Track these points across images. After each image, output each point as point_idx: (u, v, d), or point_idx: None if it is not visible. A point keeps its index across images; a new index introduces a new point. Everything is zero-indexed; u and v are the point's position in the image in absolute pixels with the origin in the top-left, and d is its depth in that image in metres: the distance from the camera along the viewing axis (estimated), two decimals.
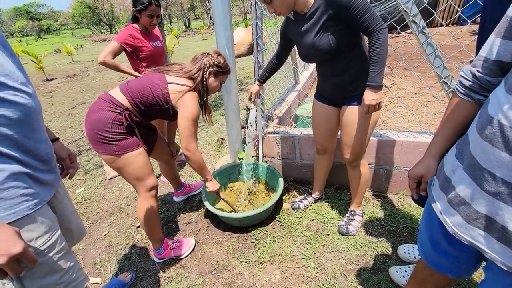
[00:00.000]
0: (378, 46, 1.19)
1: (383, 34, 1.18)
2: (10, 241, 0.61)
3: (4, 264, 0.59)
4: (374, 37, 1.19)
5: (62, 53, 13.40)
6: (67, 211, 0.97)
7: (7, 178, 0.67)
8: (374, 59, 1.22)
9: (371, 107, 1.28)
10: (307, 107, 2.67)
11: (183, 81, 1.45)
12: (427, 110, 3.21)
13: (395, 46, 1.45)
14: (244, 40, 8.57)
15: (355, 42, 1.32)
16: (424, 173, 0.87)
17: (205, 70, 1.49)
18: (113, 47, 1.98)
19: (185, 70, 1.49)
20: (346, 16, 1.20)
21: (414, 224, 1.74)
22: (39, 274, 0.75)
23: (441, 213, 0.75)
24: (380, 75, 1.23)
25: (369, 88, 1.26)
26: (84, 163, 3.03)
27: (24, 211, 0.71)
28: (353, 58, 1.35)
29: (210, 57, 1.51)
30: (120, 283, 1.51)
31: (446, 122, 0.87)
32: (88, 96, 5.89)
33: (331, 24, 1.25)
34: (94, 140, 1.35)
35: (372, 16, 1.17)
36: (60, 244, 0.81)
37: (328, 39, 1.27)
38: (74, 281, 0.85)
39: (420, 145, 1.80)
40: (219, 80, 1.59)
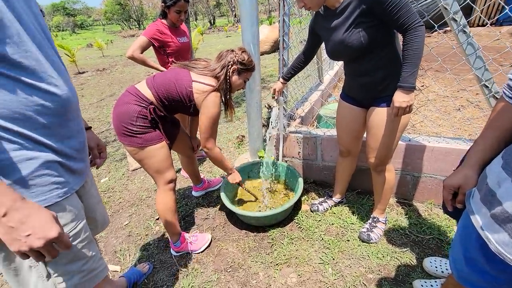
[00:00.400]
0: (413, 45, 1.12)
1: (419, 31, 1.11)
2: (47, 225, 0.62)
3: (41, 247, 0.61)
4: (410, 34, 1.12)
5: (93, 47, 14.05)
6: (93, 201, 0.99)
7: (41, 166, 0.69)
8: (408, 59, 1.14)
9: (401, 109, 1.21)
10: (332, 107, 2.59)
11: (207, 80, 1.45)
12: (460, 115, 3.01)
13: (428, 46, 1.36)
14: (268, 38, 8.52)
15: (388, 39, 1.25)
16: (462, 183, 0.80)
17: (229, 68, 1.48)
18: (142, 42, 2.02)
19: (210, 68, 1.49)
20: (381, 11, 1.13)
21: (442, 236, 1.63)
22: (62, 261, 0.77)
23: (482, 228, 0.68)
24: (413, 76, 1.15)
25: (401, 89, 1.18)
26: (109, 153, 3.15)
27: (54, 198, 0.73)
28: (385, 57, 1.27)
29: (234, 54, 1.50)
30: (138, 273, 1.55)
31: (489, 129, 0.80)
32: (115, 89, 6.12)
33: (363, 20, 1.18)
34: (119, 131, 1.39)
35: (408, 12, 1.09)
36: (84, 233, 0.82)
37: (358, 36, 1.21)
38: (94, 270, 0.86)
39: (453, 152, 1.68)
40: (243, 77, 1.57)
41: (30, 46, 0.66)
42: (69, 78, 0.81)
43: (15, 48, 0.62)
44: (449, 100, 3.38)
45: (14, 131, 0.65)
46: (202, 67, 1.50)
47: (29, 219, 0.60)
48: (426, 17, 1.64)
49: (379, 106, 1.37)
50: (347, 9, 1.21)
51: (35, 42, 0.68)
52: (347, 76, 1.49)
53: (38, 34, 0.70)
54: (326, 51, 1.43)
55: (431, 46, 1.76)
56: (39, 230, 0.61)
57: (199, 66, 1.51)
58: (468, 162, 0.81)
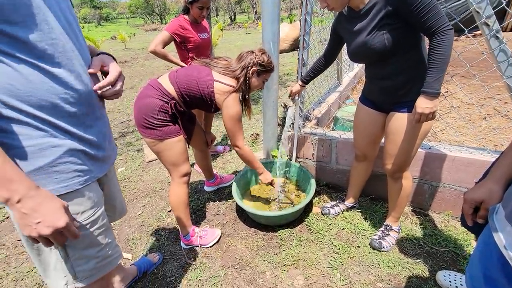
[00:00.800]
0: (440, 49, 1.07)
1: (448, 35, 1.06)
2: (57, 215, 0.65)
3: (49, 234, 0.64)
4: (437, 38, 1.07)
5: (117, 40, 14.45)
6: (114, 189, 1.03)
7: (65, 153, 0.72)
8: (434, 63, 1.09)
9: (424, 116, 1.16)
10: (349, 110, 2.54)
11: (228, 80, 1.47)
12: (486, 124, 2.87)
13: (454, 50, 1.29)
14: (288, 36, 8.44)
15: (413, 43, 1.20)
16: (485, 198, 0.76)
17: (248, 69, 1.50)
18: (164, 36, 2.06)
19: (230, 69, 1.50)
20: (407, 13, 1.09)
21: (458, 249, 1.56)
22: (80, 246, 0.80)
23: (506, 248, 0.65)
24: (439, 81, 1.10)
25: (424, 94, 1.14)
26: (127, 143, 3.24)
27: (75, 185, 0.76)
28: (409, 61, 1.23)
29: (254, 55, 1.51)
30: (149, 262, 1.59)
31: None
32: (136, 82, 6.27)
33: (389, 22, 1.14)
34: (140, 123, 1.43)
35: (437, 15, 1.05)
36: (102, 220, 0.85)
37: (382, 38, 1.17)
38: (110, 257, 0.89)
39: (475, 163, 1.61)
40: (262, 78, 1.59)
41: (58, 35, 0.68)
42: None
43: (42, 36, 0.64)
44: (475, 108, 3.22)
45: (41, 118, 0.67)
46: (223, 66, 1.52)
47: (40, 207, 0.63)
48: (456, 20, 1.56)
49: (399, 111, 1.33)
50: (372, 10, 1.17)
51: (65, 31, 0.70)
52: (367, 79, 1.45)
53: (67, 24, 0.72)
54: (347, 53, 1.40)
55: (459, 50, 1.68)
56: (49, 219, 0.63)
57: (220, 65, 1.52)
58: (493, 176, 0.77)
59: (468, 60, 1.78)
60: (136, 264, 1.56)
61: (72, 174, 0.74)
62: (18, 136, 0.65)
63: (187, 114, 1.61)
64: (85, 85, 0.76)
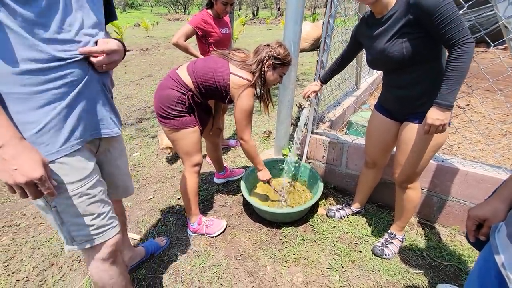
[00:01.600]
0: (459, 62, 1.05)
1: (468, 49, 1.04)
2: (33, 166, 0.68)
3: (23, 184, 0.68)
4: (457, 50, 1.05)
5: (140, 27, 14.71)
6: (117, 172, 1.09)
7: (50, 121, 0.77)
8: (450, 75, 1.08)
9: (434, 127, 1.15)
10: (364, 115, 2.53)
11: (244, 74, 1.50)
12: (505, 142, 2.79)
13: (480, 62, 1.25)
14: (308, 35, 8.36)
15: (433, 54, 1.19)
16: (489, 216, 0.77)
17: (264, 63, 1.50)
18: (187, 30, 2.11)
19: (247, 63, 1.52)
20: (428, 23, 1.08)
21: (461, 265, 1.56)
22: (72, 213, 0.87)
23: (504, 267, 0.66)
24: (453, 94, 1.09)
25: (437, 106, 1.13)
26: (144, 129, 3.35)
27: (64, 151, 0.80)
28: (427, 72, 1.22)
29: (269, 48, 1.51)
30: (156, 245, 1.67)
31: None
32: (155, 70, 6.40)
33: (409, 31, 1.14)
34: (159, 112, 1.50)
35: (459, 27, 1.03)
36: (94, 191, 0.90)
37: (401, 47, 1.17)
38: (104, 226, 0.95)
39: (489, 181, 1.58)
40: (279, 72, 1.58)
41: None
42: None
43: None
44: (496, 124, 3.13)
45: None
46: (240, 60, 1.54)
47: (20, 156, 0.67)
48: (482, 33, 1.53)
49: (413, 122, 1.33)
50: (392, 17, 1.17)
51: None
52: (384, 87, 1.45)
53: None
54: (366, 60, 1.40)
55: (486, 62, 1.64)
56: (25, 168, 0.67)
57: (237, 58, 1.54)
58: (500, 194, 0.78)
59: (495, 74, 1.75)
60: (144, 245, 1.64)
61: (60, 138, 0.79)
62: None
63: (203, 105, 1.66)
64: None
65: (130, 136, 3.18)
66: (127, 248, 1.51)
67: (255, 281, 1.50)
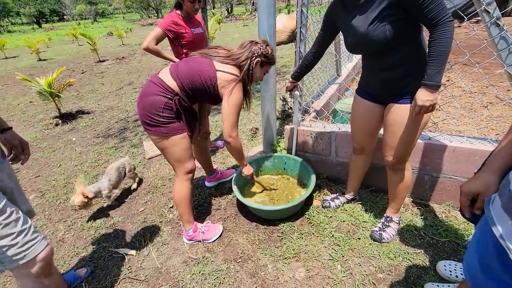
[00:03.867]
0: (442, 41, 1.05)
1: (449, 27, 1.04)
2: None
3: None
4: (438, 30, 1.05)
5: (114, 36, 14.32)
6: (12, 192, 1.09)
7: None
8: (434, 55, 1.08)
9: (424, 108, 1.15)
10: (348, 102, 2.52)
11: (230, 69, 1.45)
12: (487, 113, 2.85)
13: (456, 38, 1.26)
14: (285, 27, 8.33)
15: (414, 33, 1.18)
16: (481, 190, 0.76)
17: (253, 59, 1.47)
18: (157, 33, 2.03)
19: (233, 57, 1.48)
20: (410, 4, 1.06)
21: (459, 239, 1.57)
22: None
23: (502, 238, 0.65)
24: (439, 74, 1.09)
25: (425, 87, 1.12)
26: (127, 139, 3.25)
27: None
28: (410, 52, 1.21)
29: (259, 46, 1.49)
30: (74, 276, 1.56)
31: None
32: (134, 78, 6.24)
33: (390, 13, 1.11)
34: (145, 120, 1.43)
35: (439, 6, 1.03)
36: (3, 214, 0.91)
37: (384, 29, 1.14)
38: (29, 241, 0.97)
39: (476, 153, 1.60)
40: (264, 70, 1.58)
41: None
42: None
43: None
44: (476, 96, 3.20)
45: None
46: (225, 55, 1.49)
47: None
48: (454, 7, 1.53)
49: (398, 103, 1.32)
50: (373, 0, 1.14)
51: None
52: (365, 71, 1.43)
53: None
54: (345, 45, 1.37)
55: (461, 37, 1.65)
56: None
57: (220, 54, 1.50)
58: (489, 167, 0.77)
59: (471, 48, 1.76)
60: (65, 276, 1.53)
61: None
62: None
63: (190, 110, 1.60)
64: None
65: (114, 149, 3.08)
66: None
67: (258, 282, 1.47)
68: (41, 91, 3.74)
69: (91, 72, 7.21)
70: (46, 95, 3.78)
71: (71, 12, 40.00)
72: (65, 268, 1.67)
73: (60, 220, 2.08)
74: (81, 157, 2.97)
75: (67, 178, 2.61)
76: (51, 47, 13.54)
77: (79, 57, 9.59)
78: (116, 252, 1.74)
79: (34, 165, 2.91)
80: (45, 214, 2.16)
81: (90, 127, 3.77)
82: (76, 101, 4.93)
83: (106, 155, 2.97)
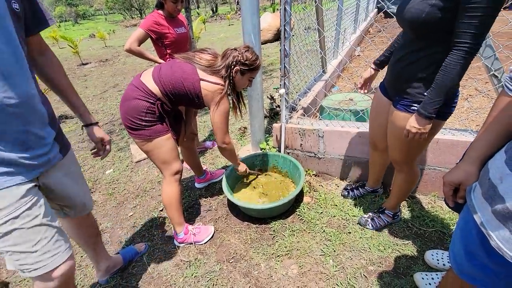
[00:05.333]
0: (448, 70, 0.99)
1: (465, 58, 0.96)
2: None
3: None
4: (455, 55, 0.97)
5: (96, 38, 13.95)
6: (67, 190, 1.06)
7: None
8: (436, 83, 1.03)
9: (411, 134, 1.15)
10: (335, 98, 2.55)
11: (214, 78, 1.43)
12: (468, 105, 2.95)
13: None
14: (271, 26, 8.34)
15: (445, 37, 1.03)
16: (462, 180, 0.79)
17: (232, 68, 1.44)
18: (139, 34, 1.98)
19: (215, 68, 1.44)
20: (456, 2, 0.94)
21: (445, 228, 1.62)
22: (8, 242, 0.84)
23: (483, 225, 0.68)
24: (433, 105, 1.06)
25: (417, 113, 1.11)
26: (113, 142, 3.17)
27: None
28: (433, 55, 1.09)
29: (236, 53, 1.45)
30: (134, 251, 1.67)
31: (491, 124, 0.78)
32: (118, 80, 6.11)
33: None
34: (127, 124, 1.42)
35: (477, 29, 0.91)
36: (29, 218, 0.86)
37: (424, 7, 1.01)
38: (50, 252, 0.91)
39: (459, 144, 1.65)
40: (247, 77, 1.53)
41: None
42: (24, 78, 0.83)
43: None
44: None
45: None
46: (207, 64, 1.45)
47: None
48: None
49: (396, 107, 1.27)
50: None
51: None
52: (391, 60, 1.33)
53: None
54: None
55: None
56: None
57: (204, 62, 1.46)
58: (469, 157, 0.80)
59: None
60: (122, 253, 1.62)
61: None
62: None
63: (173, 113, 1.58)
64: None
65: None
66: (104, 259, 1.50)
67: (251, 281, 1.47)
68: None
69: (74, 76, 7.00)
70: None
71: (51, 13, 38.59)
72: None
73: None
74: None
75: None
76: None
77: (60, 60, 9.23)
78: None
79: None
80: None
81: (74, 132, 3.66)
82: (59, 105, 4.78)
83: (92, 160, 2.90)
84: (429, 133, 1.17)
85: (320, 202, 1.93)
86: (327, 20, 3.23)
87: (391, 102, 1.34)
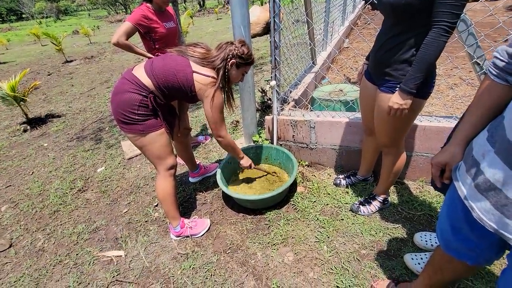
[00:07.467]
0: (429, 47, 1.05)
1: (443, 37, 1.02)
2: None
3: None
4: (434, 33, 1.03)
5: (80, 34, 13.56)
6: None
7: None
8: (417, 61, 1.09)
9: (393, 110, 1.19)
10: (325, 89, 2.59)
11: (207, 71, 1.43)
12: (453, 93, 3.04)
13: None
14: (259, 19, 8.29)
15: (426, 22, 1.08)
16: (448, 160, 0.83)
17: (228, 61, 1.45)
18: (126, 28, 1.93)
19: (209, 59, 1.45)
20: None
21: (432, 211, 1.69)
22: None
23: (466, 198, 0.72)
24: (414, 81, 1.11)
25: (399, 89, 1.16)
26: (103, 140, 3.13)
27: None
28: (414, 38, 1.13)
29: (233, 47, 1.46)
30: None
31: (474, 107, 0.82)
32: (105, 77, 5.98)
33: None
34: (119, 118, 1.39)
35: (452, 8, 0.98)
36: None
37: None
38: None
39: (444, 131, 1.71)
40: (242, 71, 1.55)
41: None
42: None
43: None
44: (442, 78, 3.38)
45: None
46: (201, 57, 1.45)
47: None
48: None
49: (379, 89, 1.32)
50: None
51: None
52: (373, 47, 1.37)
53: None
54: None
55: None
56: None
57: (197, 54, 1.45)
58: (454, 140, 0.84)
59: None
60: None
61: None
62: None
63: (167, 107, 1.57)
64: None
65: (91, 151, 2.97)
66: None
67: (248, 269, 1.50)
68: (4, 96, 3.50)
69: (59, 74, 6.81)
70: (10, 100, 3.54)
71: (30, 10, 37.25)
72: (47, 277, 1.62)
73: (38, 229, 2.00)
74: (55, 163, 2.84)
75: (42, 185, 2.49)
76: (11, 48, 12.60)
77: (43, 58, 9.01)
78: (102, 256, 1.71)
79: (4, 175, 2.75)
80: (21, 225, 2.06)
81: (62, 131, 3.59)
82: (45, 104, 4.67)
83: (83, 158, 2.86)
84: (411, 111, 1.23)
85: (313, 191, 1.98)
86: (316, 12, 3.25)
87: (377, 87, 1.38)
